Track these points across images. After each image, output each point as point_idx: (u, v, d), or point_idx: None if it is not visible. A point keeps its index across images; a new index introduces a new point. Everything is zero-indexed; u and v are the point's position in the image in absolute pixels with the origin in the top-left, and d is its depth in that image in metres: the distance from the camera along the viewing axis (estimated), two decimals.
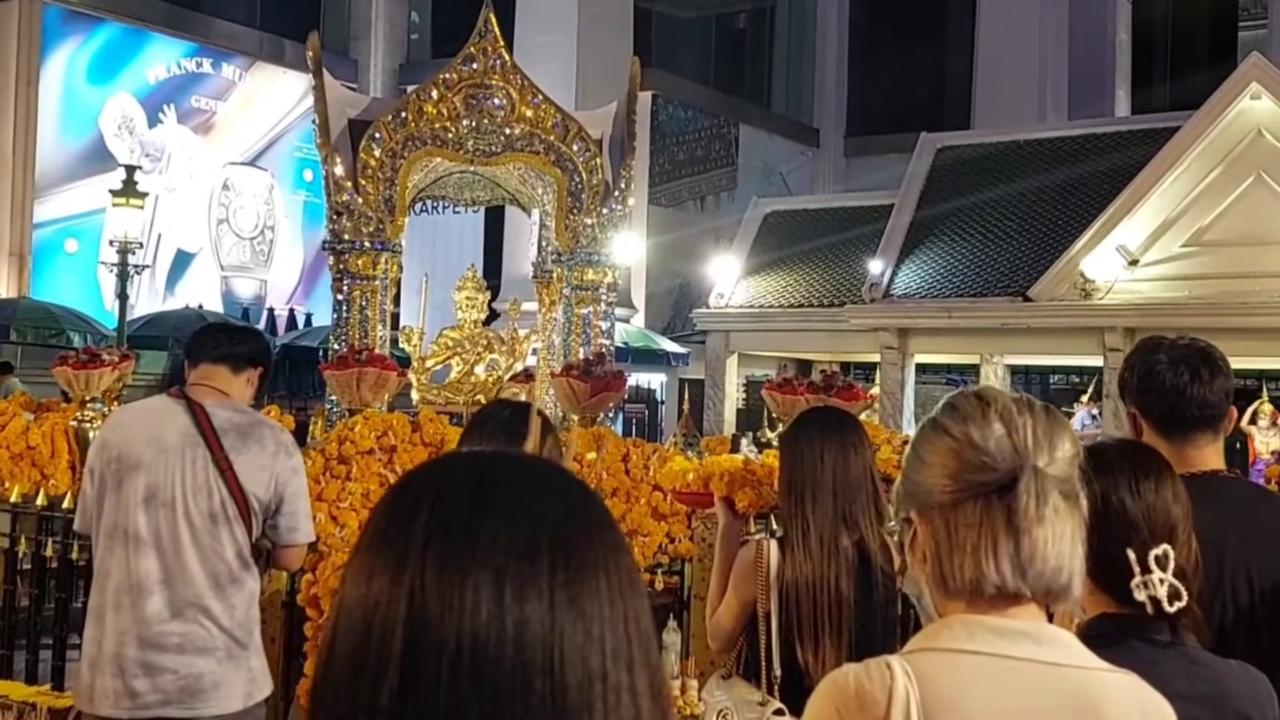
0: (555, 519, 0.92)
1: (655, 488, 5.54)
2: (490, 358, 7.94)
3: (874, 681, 1.41)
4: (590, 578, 0.90)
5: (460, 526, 0.90)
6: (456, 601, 0.87)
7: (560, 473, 0.99)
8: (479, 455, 0.99)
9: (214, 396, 3.61)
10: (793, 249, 21.39)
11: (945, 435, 1.49)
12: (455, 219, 23.71)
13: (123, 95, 23.00)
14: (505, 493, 0.93)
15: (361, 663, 0.88)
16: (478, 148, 7.16)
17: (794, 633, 3.00)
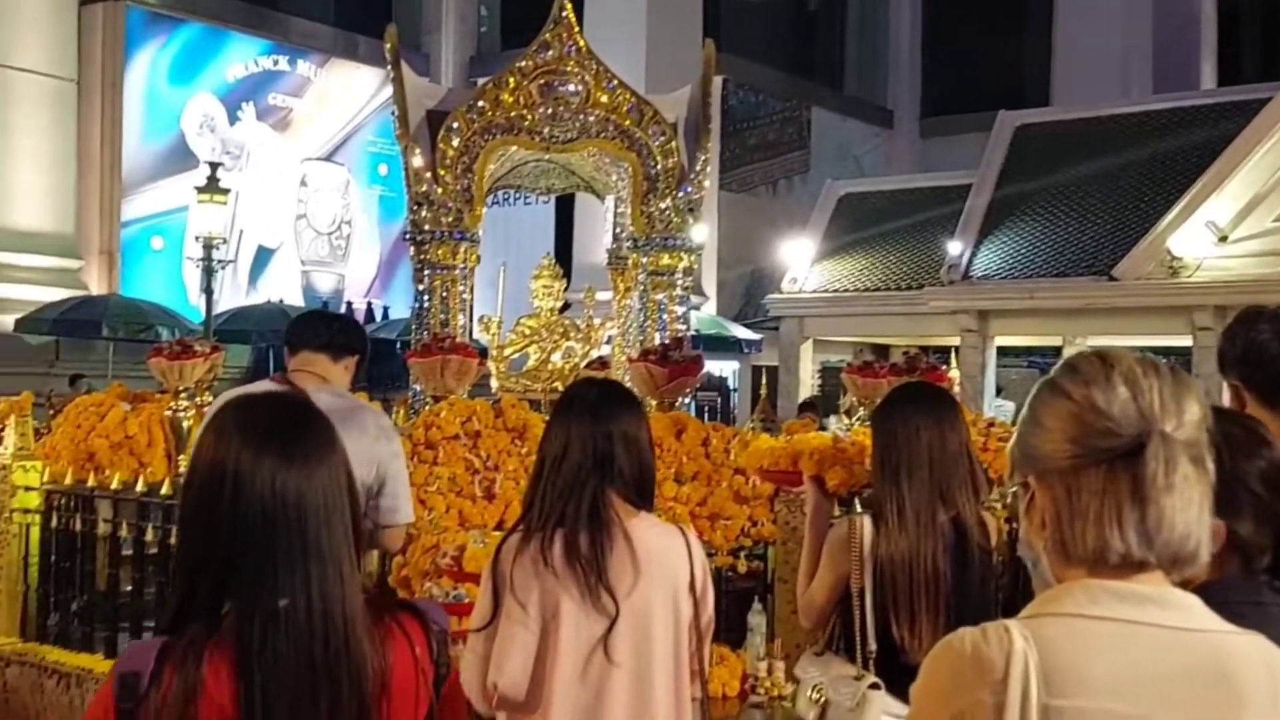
0: (311, 436, 1.85)
1: (737, 471, 5.55)
2: (566, 345, 8.00)
3: (992, 645, 1.38)
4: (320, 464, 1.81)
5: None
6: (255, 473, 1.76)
7: (305, 404, 1.98)
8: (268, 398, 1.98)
9: (315, 382, 3.71)
10: (868, 231, 21.20)
11: (1065, 398, 1.46)
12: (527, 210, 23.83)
13: (203, 94, 23.42)
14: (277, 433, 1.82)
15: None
16: (553, 135, 7.20)
17: (889, 609, 3.01)
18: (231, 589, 1.74)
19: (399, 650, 1.82)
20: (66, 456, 6.44)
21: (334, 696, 1.72)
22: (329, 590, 1.74)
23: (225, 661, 1.70)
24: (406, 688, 1.81)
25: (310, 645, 1.72)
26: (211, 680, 1.69)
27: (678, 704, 2.73)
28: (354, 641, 1.75)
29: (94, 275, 20.22)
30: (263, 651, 1.70)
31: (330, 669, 1.72)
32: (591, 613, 2.65)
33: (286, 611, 1.72)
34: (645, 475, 2.79)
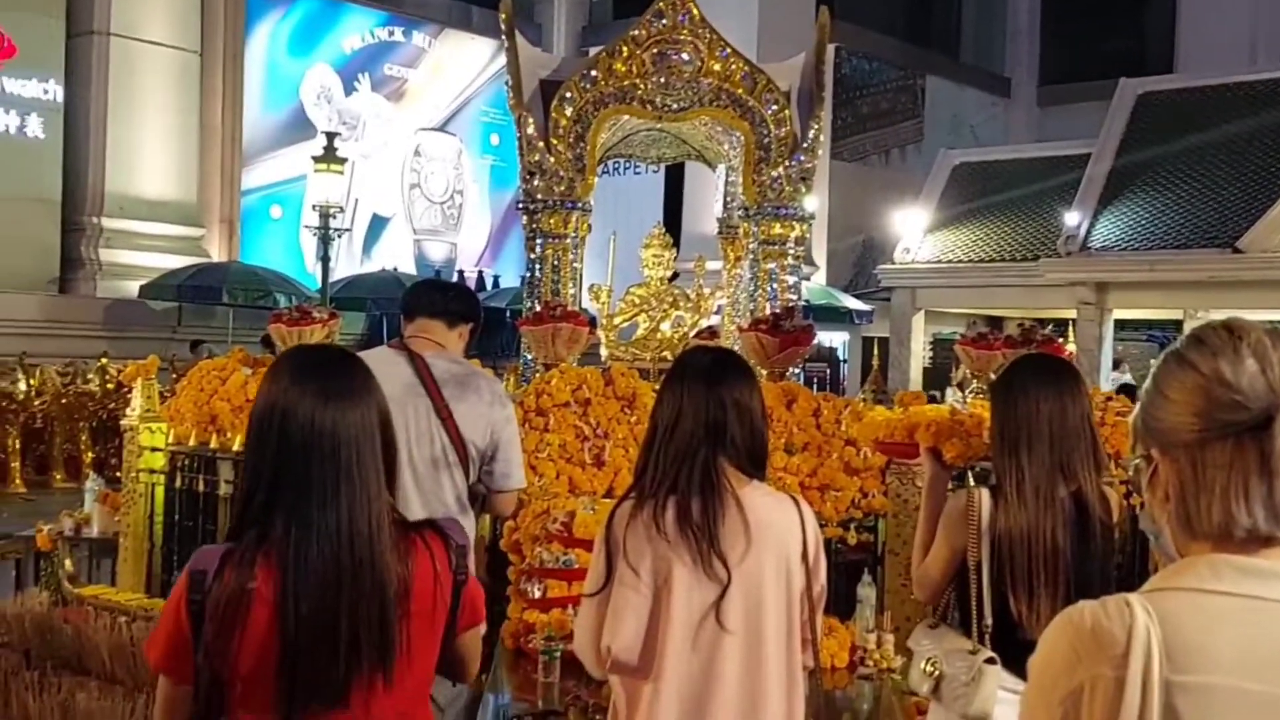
0: (349, 380, 2.18)
1: (848, 442, 5.51)
2: (676, 314, 8.00)
3: (1113, 619, 1.36)
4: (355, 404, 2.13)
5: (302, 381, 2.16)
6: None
7: (346, 354, 2.31)
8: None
9: (432, 348, 3.77)
10: (983, 201, 20.82)
11: (1192, 370, 1.42)
12: (636, 179, 23.95)
13: (321, 66, 23.84)
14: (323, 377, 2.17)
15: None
16: (666, 104, 7.18)
17: (1006, 583, 2.96)
18: (278, 504, 2.08)
19: (421, 561, 2.15)
20: (190, 419, 6.62)
21: (355, 593, 2.06)
22: (356, 508, 2.08)
23: (272, 564, 2.05)
24: (426, 591, 2.15)
25: (337, 551, 2.06)
26: (261, 579, 2.04)
27: (789, 673, 2.73)
28: (377, 550, 2.09)
29: (215, 243, 20.76)
30: (298, 555, 2.05)
31: (354, 571, 2.06)
32: (703, 579, 2.66)
33: (319, 523, 2.06)
34: (758, 444, 2.78)
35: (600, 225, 7.98)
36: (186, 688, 2.11)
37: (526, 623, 4.35)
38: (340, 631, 2.05)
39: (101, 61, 18.78)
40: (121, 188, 18.82)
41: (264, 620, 2.04)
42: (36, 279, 17.76)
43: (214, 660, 2.05)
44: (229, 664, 2.04)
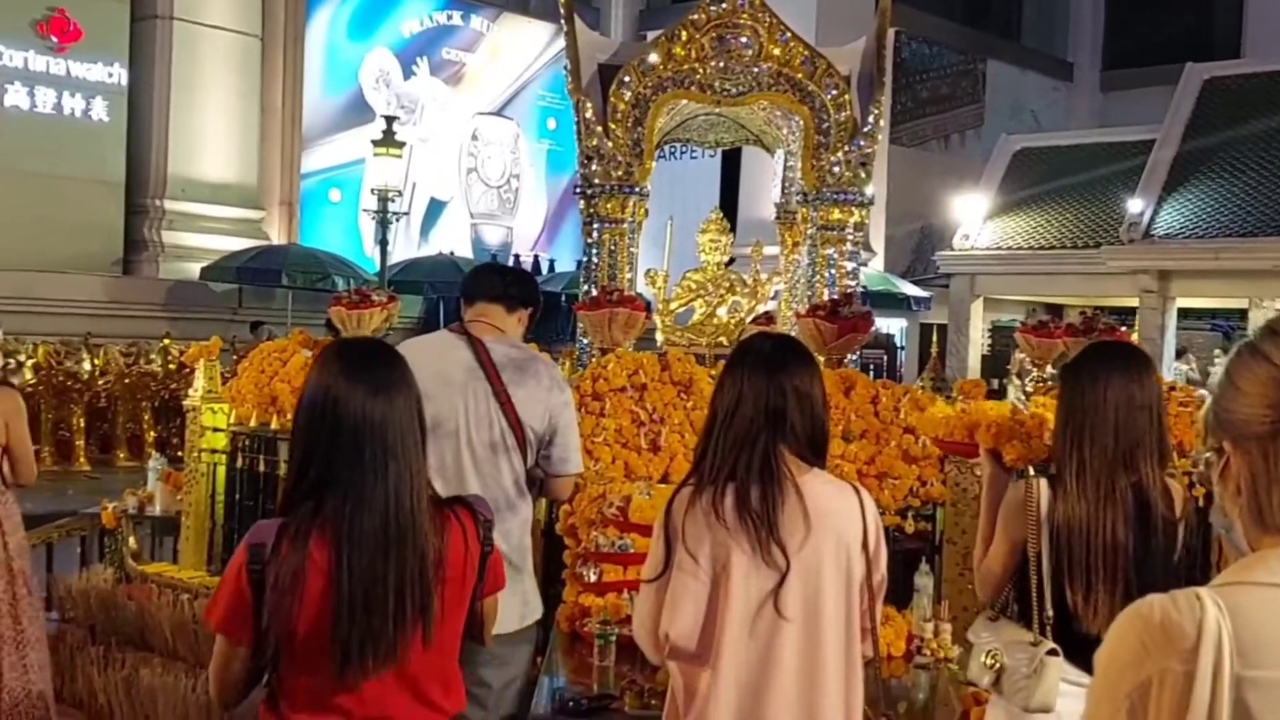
0: (393, 373, 2.42)
1: (906, 430, 5.47)
2: (733, 300, 7.96)
3: (1182, 613, 1.34)
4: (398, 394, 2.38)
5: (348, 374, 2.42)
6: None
7: (388, 348, 2.59)
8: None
9: (491, 333, 3.79)
10: (1044, 187, 20.56)
11: (1266, 362, 1.41)
12: (693, 164, 23.87)
13: (380, 49, 23.98)
14: (370, 369, 2.43)
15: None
16: (725, 88, 7.14)
17: (1064, 575, 2.92)
18: (329, 482, 2.32)
19: (454, 533, 2.43)
20: (251, 400, 6.69)
21: (401, 560, 2.31)
22: (400, 486, 2.34)
23: (326, 536, 2.29)
24: (457, 560, 2.43)
25: (385, 524, 2.31)
26: (316, 550, 2.28)
27: (848, 661, 2.71)
28: (418, 523, 2.35)
29: (275, 226, 20.97)
30: (352, 526, 2.29)
31: (399, 541, 2.31)
32: (762, 566, 2.65)
33: (370, 498, 2.31)
34: (818, 431, 2.76)
35: (657, 210, 7.96)
36: (243, 648, 2.36)
37: (582, 606, 4.36)
38: (389, 595, 2.29)
39: (165, 45, 19.00)
40: (183, 170, 19.05)
41: (319, 587, 2.28)
42: (101, 260, 18.04)
43: (275, 623, 2.28)
44: (288, 627, 2.28)
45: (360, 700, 2.34)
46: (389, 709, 2.37)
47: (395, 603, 2.29)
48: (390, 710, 2.37)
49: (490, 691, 3.75)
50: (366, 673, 2.29)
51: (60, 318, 15.53)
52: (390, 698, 2.36)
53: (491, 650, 3.66)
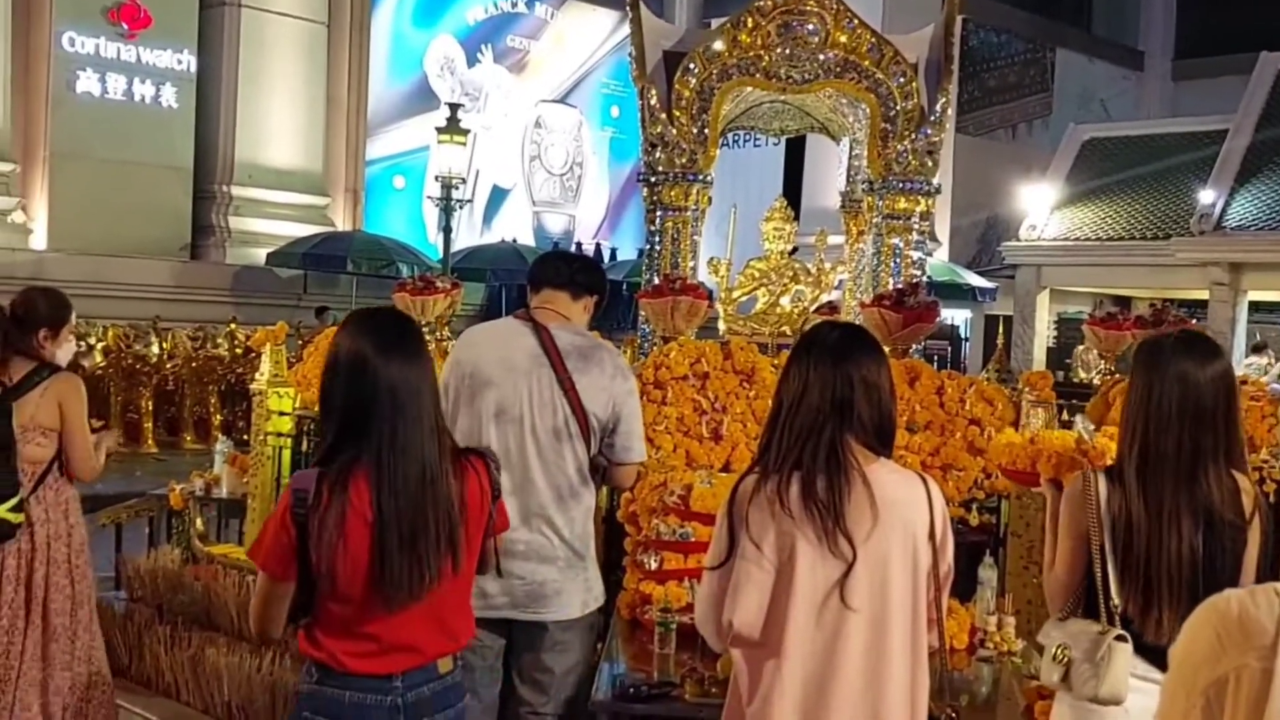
0: (417, 342, 2.75)
1: (971, 422, 5.42)
2: (796, 289, 7.91)
3: (1260, 608, 1.31)
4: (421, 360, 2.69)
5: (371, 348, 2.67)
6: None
7: (409, 320, 2.88)
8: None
9: (556, 320, 3.79)
10: (1113, 178, 20.25)
11: None
12: (756, 152, 23.76)
13: (445, 37, 24.10)
14: (400, 338, 2.74)
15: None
16: (790, 76, 7.08)
17: (1123, 584, 2.86)
18: (366, 434, 2.61)
19: (470, 479, 2.75)
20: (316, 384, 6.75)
21: (435, 501, 2.62)
22: (427, 437, 2.65)
23: (364, 483, 2.58)
24: (475, 501, 2.75)
25: (422, 470, 2.61)
26: (355, 496, 2.57)
27: (914, 652, 2.68)
28: (444, 469, 2.66)
29: (340, 212, 21.15)
30: (394, 473, 2.59)
31: (433, 484, 2.62)
32: (828, 556, 2.63)
33: (408, 449, 2.61)
34: (885, 422, 2.74)
35: (719, 198, 7.93)
36: (286, 584, 2.65)
37: (642, 594, 4.36)
38: (429, 529, 2.60)
39: (233, 32, 19.21)
40: (250, 157, 19.26)
41: (359, 528, 2.56)
42: (170, 245, 18.29)
43: (319, 562, 2.57)
44: (331, 565, 2.57)
45: (390, 628, 2.63)
46: (412, 635, 2.66)
47: (434, 537, 2.61)
48: (413, 637, 2.66)
49: (553, 677, 3.76)
50: (413, 600, 2.60)
51: (130, 302, 15.79)
52: (416, 626, 2.65)
53: (555, 636, 3.68)
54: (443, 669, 2.74)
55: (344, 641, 2.64)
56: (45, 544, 4.38)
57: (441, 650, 2.73)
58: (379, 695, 2.64)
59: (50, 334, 4.50)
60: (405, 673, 2.66)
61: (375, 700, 2.64)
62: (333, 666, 2.64)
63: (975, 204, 24.52)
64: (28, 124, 17.29)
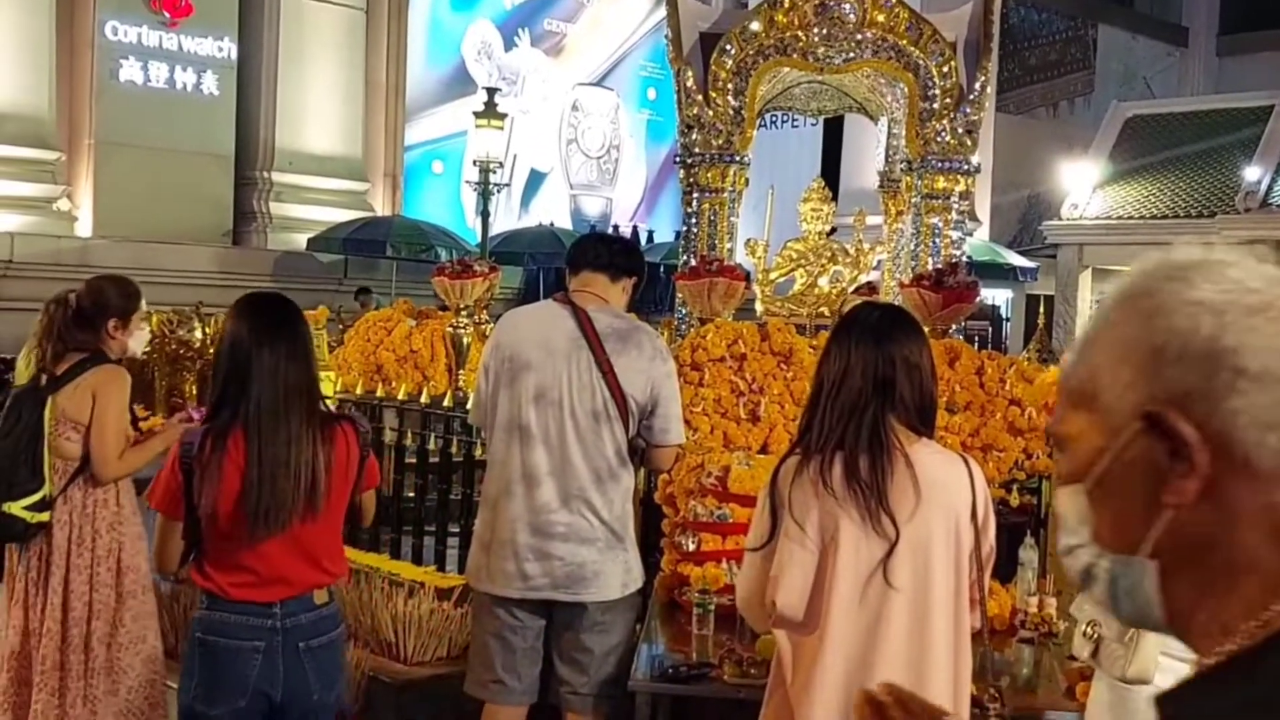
0: (292, 325, 3.26)
1: (1012, 402, 5.38)
2: (834, 269, 7.87)
3: None
4: (294, 339, 3.23)
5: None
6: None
7: (288, 303, 3.32)
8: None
9: (595, 302, 3.80)
10: (1156, 156, 19.99)
11: None
12: (793, 133, 23.65)
13: (482, 21, 24.09)
14: (273, 321, 3.25)
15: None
16: (828, 56, 7.04)
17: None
18: (240, 401, 3.10)
19: (338, 439, 3.19)
20: (357, 368, 6.81)
21: (296, 453, 3.08)
22: (290, 403, 3.11)
23: (239, 438, 3.08)
24: (340, 459, 3.18)
25: (285, 430, 3.08)
26: (232, 448, 3.08)
27: (956, 632, 2.68)
28: (306, 431, 3.12)
29: (379, 197, 21.22)
30: (259, 431, 3.08)
31: (297, 440, 3.10)
32: (871, 536, 2.63)
33: (275, 408, 3.08)
34: (926, 401, 2.73)
35: (757, 179, 7.90)
36: (175, 523, 3.15)
37: (680, 575, 4.37)
38: (288, 477, 3.06)
39: (273, 19, 19.28)
40: (290, 143, 19.35)
41: (233, 474, 3.06)
42: (212, 232, 18.42)
43: (201, 502, 3.08)
44: (212, 504, 3.06)
45: (264, 560, 3.11)
46: (285, 569, 3.14)
47: (291, 483, 3.06)
48: (286, 571, 3.14)
49: (592, 657, 3.78)
50: (270, 534, 3.07)
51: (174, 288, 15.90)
52: (286, 560, 3.13)
53: (595, 617, 3.70)
54: (318, 600, 3.21)
55: (228, 574, 3.14)
56: (64, 547, 4.16)
57: (314, 583, 3.20)
58: (260, 619, 3.12)
59: (120, 323, 4.35)
60: (282, 601, 3.13)
61: (256, 623, 3.11)
62: (219, 595, 3.15)
63: (1016, 183, 24.29)
64: (72, 113, 17.44)
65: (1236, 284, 0.96)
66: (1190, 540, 0.92)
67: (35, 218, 16.24)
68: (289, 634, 3.13)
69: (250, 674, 3.10)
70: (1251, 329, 0.91)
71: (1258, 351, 0.90)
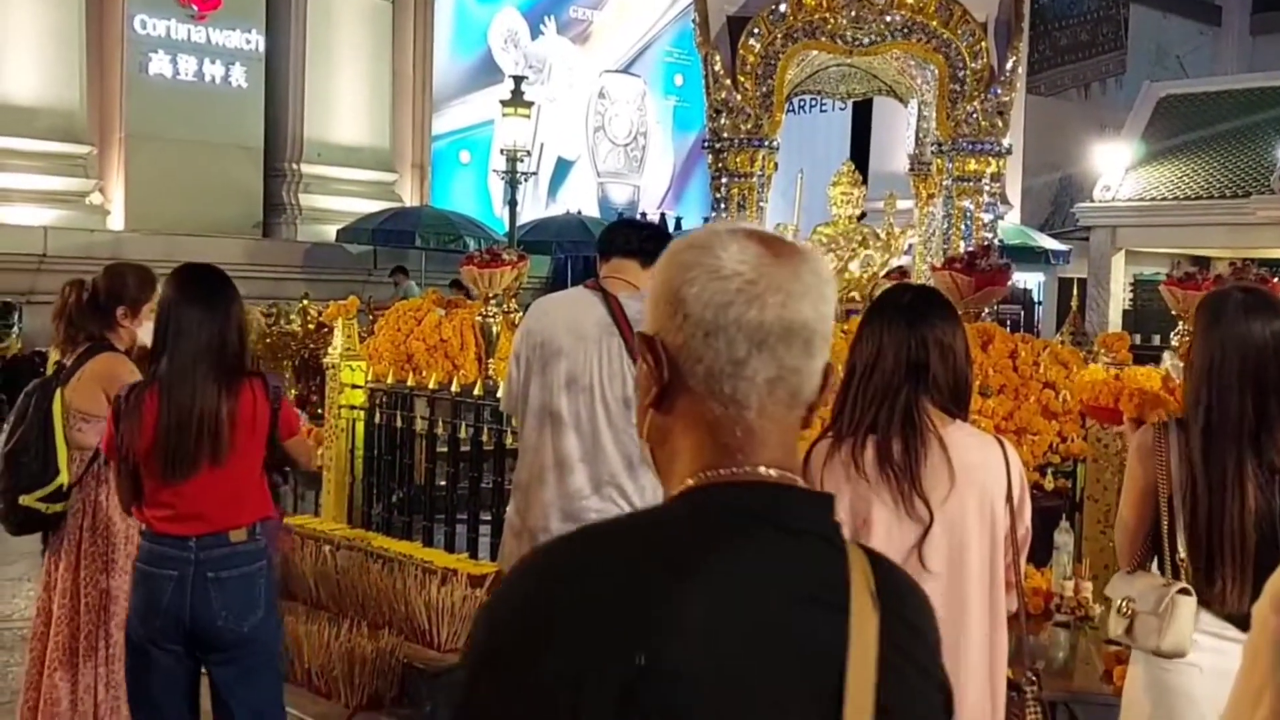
0: (216, 293, 3.65)
1: (1046, 385, 5.34)
2: (865, 254, 7.83)
3: None
4: (216, 308, 3.64)
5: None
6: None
7: (216, 272, 3.74)
8: None
9: (626, 289, 3.78)
10: (1189, 136, 19.78)
11: None
12: (822, 117, 23.54)
13: (508, 9, 24.07)
14: (197, 288, 3.65)
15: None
16: (856, 38, 7.00)
17: (1189, 533, 2.80)
18: (164, 358, 3.49)
19: (244, 394, 3.53)
20: (388, 357, 6.83)
21: (202, 404, 3.45)
22: (198, 362, 3.47)
23: (155, 392, 3.48)
24: (246, 412, 3.53)
25: (190, 385, 3.45)
26: (150, 400, 3.47)
27: (992, 615, 2.66)
28: (212, 387, 3.47)
29: (407, 188, 21.27)
30: (172, 382, 3.47)
31: (203, 394, 3.46)
32: (904, 519, 2.61)
33: (183, 366, 3.47)
34: (960, 384, 2.70)
35: (785, 164, 7.86)
36: (114, 463, 3.63)
37: None
38: (191, 425, 3.44)
39: (299, 11, 19.33)
40: (319, 135, 19.41)
41: (150, 423, 3.45)
42: (242, 223, 18.50)
43: (126, 446, 3.50)
44: (133, 447, 3.48)
45: (180, 498, 3.48)
46: (199, 507, 3.49)
47: (195, 431, 3.44)
48: (200, 508, 3.49)
49: None
50: (181, 477, 3.45)
51: None
52: (200, 499, 3.49)
53: None
54: (234, 538, 3.54)
55: (152, 509, 3.54)
56: (75, 534, 4.21)
57: (228, 523, 3.53)
58: (179, 550, 3.49)
59: (130, 311, 4.32)
60: (199, 536, 3.50)
61: (174, 554, 3.49)
62: (149, 528, 3.57)
63: (1047, 165, 24.09)
64: (103, 107, 17.55)
65: (714, 254, 1.21)
66: (659, 430, 1.26)
67: (68, 212, 16.36)
68: (201, 565, 3.50)
69: (163, 598, 3.48)
70: (694, 282, 1.20)
71: (696, 302, 1.19)
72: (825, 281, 1.25)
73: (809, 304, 1.22)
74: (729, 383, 1.20)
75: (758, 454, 1.21)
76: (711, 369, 1.20)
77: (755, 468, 1.21)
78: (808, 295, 1.22)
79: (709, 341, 1.19)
